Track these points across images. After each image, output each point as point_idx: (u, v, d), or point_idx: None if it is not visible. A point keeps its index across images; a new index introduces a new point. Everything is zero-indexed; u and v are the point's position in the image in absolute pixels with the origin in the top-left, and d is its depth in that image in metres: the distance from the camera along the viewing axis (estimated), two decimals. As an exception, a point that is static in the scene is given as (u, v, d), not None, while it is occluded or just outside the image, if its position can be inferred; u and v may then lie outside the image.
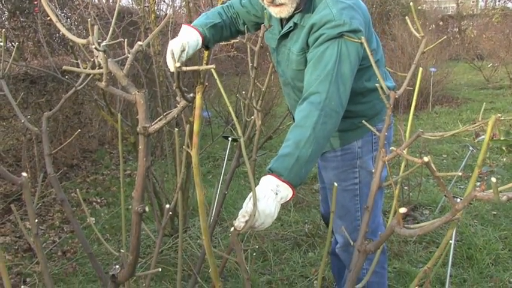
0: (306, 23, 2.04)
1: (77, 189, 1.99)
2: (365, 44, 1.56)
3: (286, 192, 1.78)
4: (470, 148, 3.74)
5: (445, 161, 5.89)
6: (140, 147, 1.01)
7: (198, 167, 0.81)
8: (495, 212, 4.26)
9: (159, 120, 0.99)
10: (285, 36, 2.18)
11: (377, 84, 1.46)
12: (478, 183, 0.95)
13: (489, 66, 12.13)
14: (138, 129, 0.99)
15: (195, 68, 0.81)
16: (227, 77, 9.10)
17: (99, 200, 5.18)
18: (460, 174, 1.04)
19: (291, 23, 2.12)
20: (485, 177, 3.54)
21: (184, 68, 0.82)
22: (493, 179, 0.81)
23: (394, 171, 4.52)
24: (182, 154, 1.66)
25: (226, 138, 3.47)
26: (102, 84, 1.02)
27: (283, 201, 1.78)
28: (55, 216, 4.71)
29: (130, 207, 4.00)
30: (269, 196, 1.73)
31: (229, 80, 8.51)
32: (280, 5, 2.05)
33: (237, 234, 1.44)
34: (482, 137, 3.76)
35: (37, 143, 5.23)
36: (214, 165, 6.22)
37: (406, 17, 1.93)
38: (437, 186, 5.08)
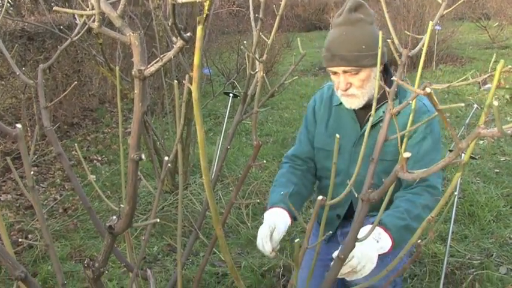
0: (397, 111, 1.97)
1: (76, 144, 1.96)
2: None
3: (386, 242, 1.79)
4: (475, 106, 3.67)
5: (448, 119, 5.81)
6: (136, 91, 0.96)
7: (199, 102, 0.77)
8: (498, 170, 4.23)
9: (155, 63, 0.94)
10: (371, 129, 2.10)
11: (389, 40, 1.41)
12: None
13: (495, 25, 11.94)
14: (133, 73, 0.94)
15: None
16: (229, 35, 8.98)
17: (99, 158, 5.17)
18: (463, 105, 1.00)
19: (379, 113, 2.06)
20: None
21: (179, 0, 0.77)
22: (495, 102, 0.77)
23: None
24: (182, 105, 1.62)
25: (228, 94, 3.41)
26: (95, 24, 0.96)
27: (381, 252, 1.78)
28: (56, 174, 4.70)
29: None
30: (370, 241, 1.76)
31: (231, 38, 8.38)
32: (353, 95, 2.01)
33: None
34: (489, 85, 3.70)
35: (36, 101, 5.19)
36: (215, 122, 6.19)
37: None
38: (439, 144, 5.04)
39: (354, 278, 1.75)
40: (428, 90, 0.94)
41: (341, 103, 2.12)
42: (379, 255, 1.82)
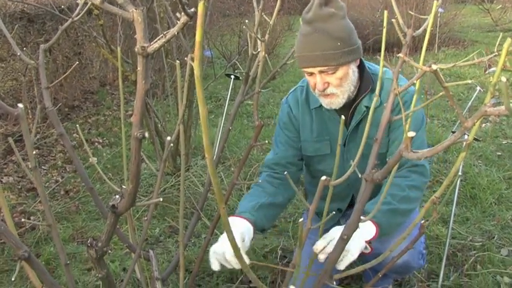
0: (378, 103, 1.93)
1: (77, 126, 1.95)
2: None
3: (365, 227, 1.79)
4: (478, 88, 3.65)
5: (449, 102, 5.81)
6: (139, 68, 0.95)
7: (201, 81, 0.76)
8: (500, 153, 4.23)
9: (159, 39, 0.93)
10: (356, 127, 2.06)
11: (394, 20, 1.39)
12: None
13: (498, 8, 11.85)
14: (136, 49, 0.93)
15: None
16: (230, 17, 8.93)
17: (100, 140, 5.16)
18: (470, 81, 0.99)
19: (362, 108, 2.01)
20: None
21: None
22: (503, 78, 0.76)
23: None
24: (183, 84, 1.61)
25: (229, 76, 3.40)
26: (97, 0, 0.95)
27: (366, 238, 1.79)
28: (57, 156, 4.70)
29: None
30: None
31: (232, 20, 8.34)
32: (332, 95, 1.94)
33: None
34: (493, 68, 3.67)
35: (37, 84, 5.17)
36: (216, 105, 6.17)
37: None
38: (441, 127, 5.04)
39: (340, 267, 1.73)
40: (434, 67, 0.94)
41: (320, 105, 2.05)
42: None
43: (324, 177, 1.18)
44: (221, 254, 1.79)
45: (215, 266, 1.84)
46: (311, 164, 2.22)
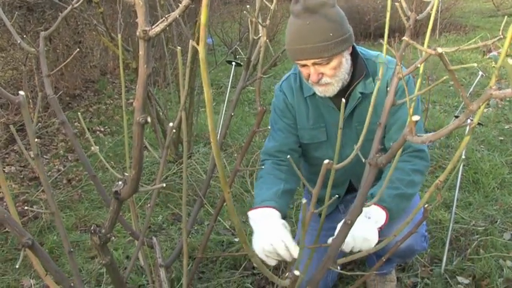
0: (372, 88, 1.93)
1: (79, 114, 1.94)
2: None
3: (379, 216, 1.78)
4: (480, 73, 3.63)
5: (451, 88, 5.79)
6: (140, 52, 0.94)
7: (206, 63, 0.75)
8: (502, 138, 4.22)
9: (160, 23, 0.92)
10: (351, 113, 2.04)
11: (397, 3, 1.37)
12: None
13: (500, -8, 11.79)
14: (137, 33, 0.92)
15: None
16: (230, 5, 8.89)
17: (102, 129, 5.16)
18: (475, 65, 0.99)
19: (356, 95, 1.99)
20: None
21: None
22: (510, 60, 0.75)
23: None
24: (185, 70, 1.60)
25: (230, 62, 3.39)
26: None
27: (378, 226, 1.76)
28: (59, 145, 4.70)
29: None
30: (361, 222, 1.70)
31: (232, 8, 8.30)
32: (326, 84, 1.92)
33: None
34: (494, 52, 3.64)
35: (38, 73, 5.16)
36: (218, 92, 6.16)
37: None
38: (443, 112, 5.03)
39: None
40: (439, 49, 0.93)
41: (314, 93, 2.04)
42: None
43: (326, 161, 1.18)
44: (273, 251, 1.75)
45: (272, 262, 1.81)
46: (308, 151, 2.21)
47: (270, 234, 1.77)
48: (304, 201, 1.11)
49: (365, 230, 1.72)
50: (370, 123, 1.42)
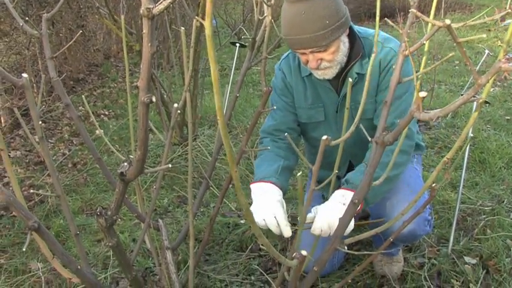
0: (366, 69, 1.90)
1: (83, 97, 1.92)
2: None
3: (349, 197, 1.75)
4: (486, 51, 3.60)
5: (457, 67, 5.75)
6: (144, 31, 0.92)
7: (212, 40, 0.73)
8: (508, 117, 4.19)
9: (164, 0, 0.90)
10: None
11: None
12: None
13: (505, -30, 11.64)
14: (141, 12, 0.90)
15: None
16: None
17: (106, 113, 5.16)
18: (484, 36, 0.97)
19: (353, 75, 1.97)
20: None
21: None
22: None
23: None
24: (189, 51, 1.58)
25: (234, 44, 3.36)
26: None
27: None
28: (64, 129, 4.70)
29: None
30: (334, 207, 1.74)
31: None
32: (325, 68, 1.91)
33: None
34: (509, 20, 3.60)
35: (41, 57, 5.14)
36: (222, 74, 6.13)
37: None
38: (449, 92, 4.99)
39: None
40: (447, 21, 0.91)
41: (310, 74, 2.03)
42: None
43: (324, 137, 1.17)
44: (265, 226, 1.80)
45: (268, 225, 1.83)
46: (306, 131, 2.21)
47: (265, 210, 1.80)
48: (299, 173, 1.10)
49: (335, 216, 1.71)
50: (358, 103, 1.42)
